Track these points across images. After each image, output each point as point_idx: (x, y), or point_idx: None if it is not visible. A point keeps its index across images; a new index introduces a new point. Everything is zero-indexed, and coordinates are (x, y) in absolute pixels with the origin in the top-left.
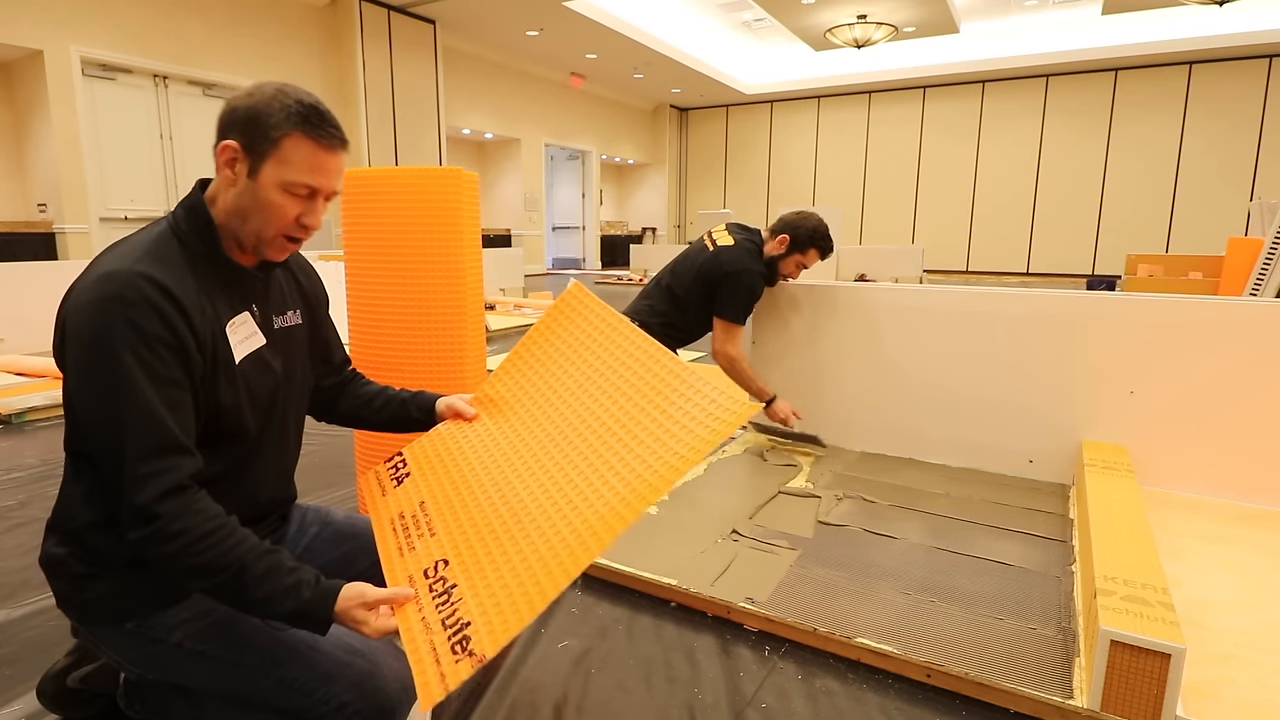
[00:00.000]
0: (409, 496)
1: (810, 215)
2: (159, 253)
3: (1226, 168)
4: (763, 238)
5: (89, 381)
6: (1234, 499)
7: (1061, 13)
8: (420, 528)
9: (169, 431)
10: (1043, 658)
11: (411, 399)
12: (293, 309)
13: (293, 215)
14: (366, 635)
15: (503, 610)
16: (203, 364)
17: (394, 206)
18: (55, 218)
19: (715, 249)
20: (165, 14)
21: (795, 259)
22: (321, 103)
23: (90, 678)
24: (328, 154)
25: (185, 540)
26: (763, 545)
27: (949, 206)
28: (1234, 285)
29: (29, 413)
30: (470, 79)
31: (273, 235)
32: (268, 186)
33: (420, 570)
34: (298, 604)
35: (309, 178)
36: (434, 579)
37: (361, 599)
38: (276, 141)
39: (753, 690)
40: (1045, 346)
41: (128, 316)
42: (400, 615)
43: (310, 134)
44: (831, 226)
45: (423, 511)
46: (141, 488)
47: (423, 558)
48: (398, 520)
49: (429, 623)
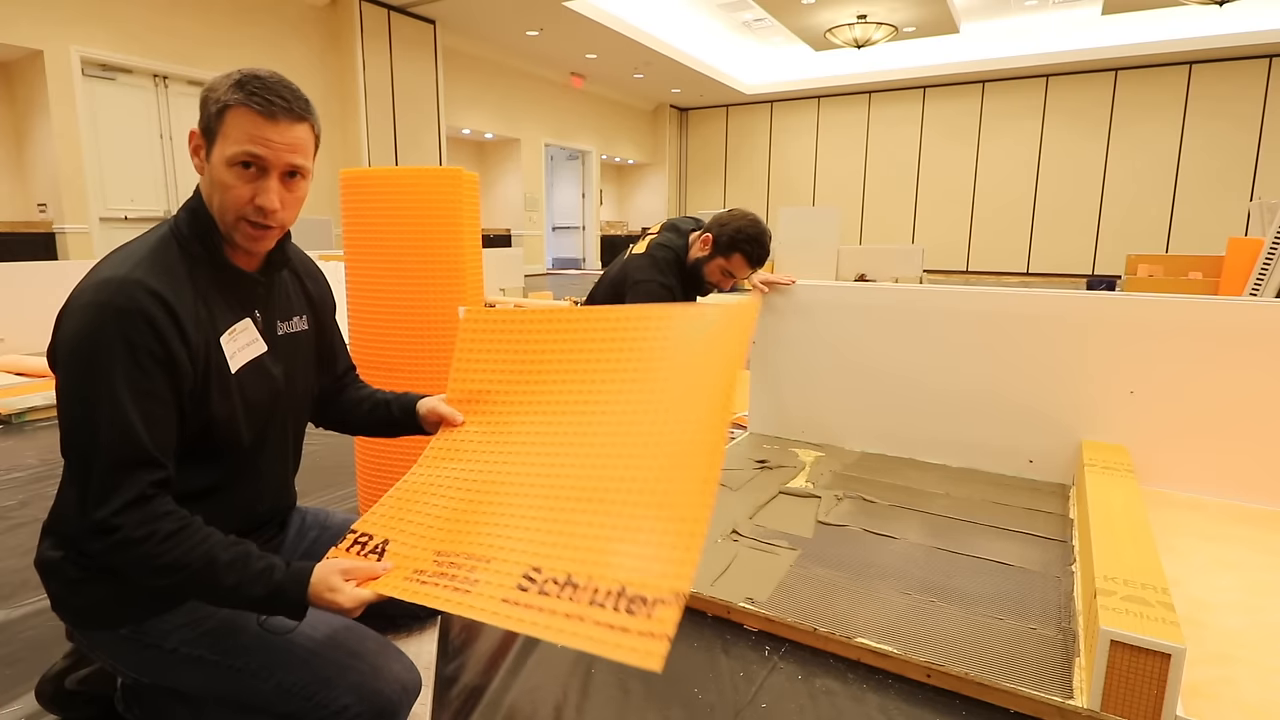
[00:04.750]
0: (413, 555)
1: (740, 215)
2: (159, 259)
3: (1226, 168)
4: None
5: (71, 386)
6: (1234, 499)
7: (1061, 13)
8: (460, 568)
9: (140, 445)
10: (1043, 658)
11: (395, 400)
12: (299, 315)
13: (246, 196)
14: (342, 605)
15: (663, 551)
16: (194, 375)
17: (394, 206)
18: (55, 218)
19: (629, 257)
20: (165, 14)
21: (719, 264)
22: (272, 74)
23: (88, 680)
24: (269, 123)
25: (152, 543)
26: (763, 545)
27: (949, 206)
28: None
29: (29, 413)
30: (470, 79)
31: (232, 219)
32: (217, 165)
33: (504, 596)
34: (270, 585)
35: (249, 146)
36: (536, 586)
37: (336, 570)
38: (220, 116)
39: (753, 690)
40: (1045, 346)
41: (118, 326)
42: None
43: (248, 102)
44: (831, 226)
45: (446, 558)
46: (103, 501)
47: (495, 586)
48: (420, 575)
49: (576, 615)
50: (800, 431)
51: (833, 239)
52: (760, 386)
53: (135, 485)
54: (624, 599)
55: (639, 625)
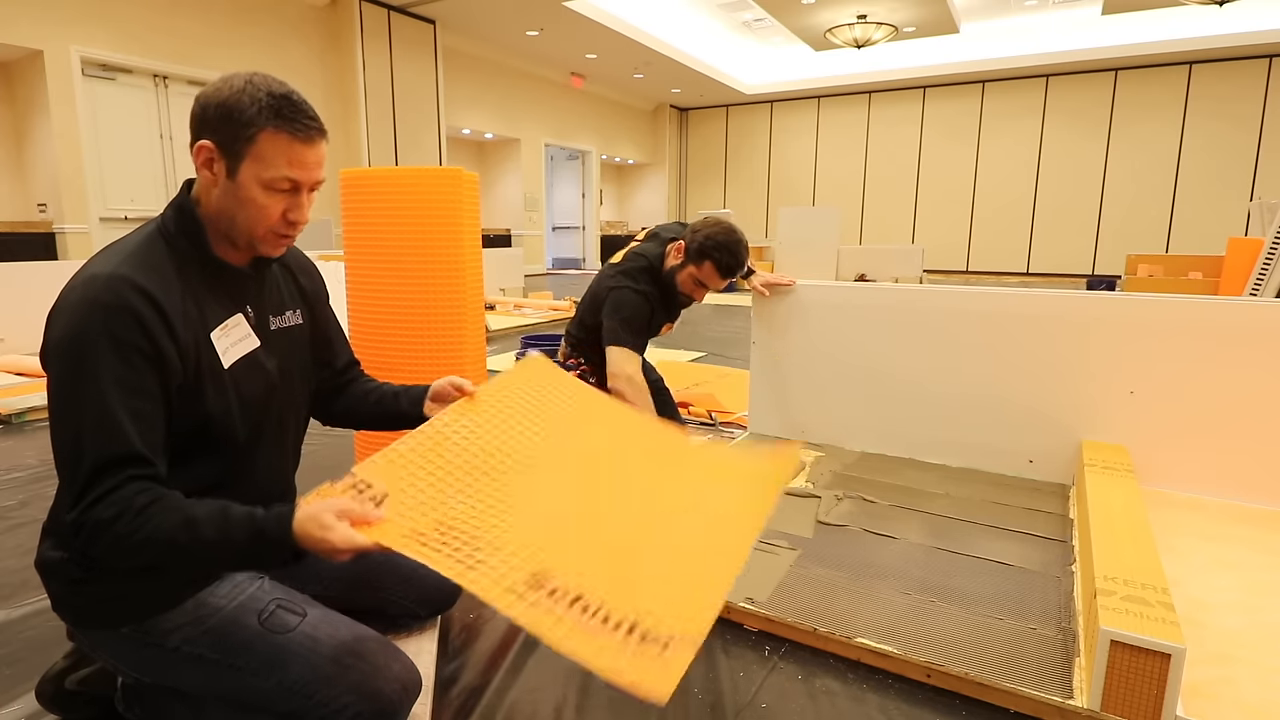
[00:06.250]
0: (413, 516)
1: (714, 222)
2: (145, 256)
3: (1226, 168)
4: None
5: (60, 384)
6: (1234, 499)
7: (1061, 13)
8: (465, 546)
9: (127, 443)
10: (1043, 658)
11: (403, 392)
12: (292, 309)
13: (278, 212)
14: (333, 544)
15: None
16: (183, 371)
17: (394, 206)
18: (55, 218)
19: (604, 266)
20: (165, 14)
21: (690, 272)
22: (294, 91)
23: (88, 680)
24: (305, 146)
25: (124, 520)
26: (763, 545)
27: (949, 206)
28: (1234, 285)
29: (29, 413)
30: (470, 79)
31: (263, 234)
32: (248, 185)
33: (509, 587)
34: (253, 528)
35: (289, 171)
36: (545, 590)
37: (329, 508)
38: (252, 139)
39: (753, 690)
40: (1045, 346)
41: (104, 322)
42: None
43: (285, 128)
44: (831, 226)
45: (447, 528)
46: (84, 498)
47: (501, 575)
48: (421, 537)
49: (584, 628)
50: (800, 431)
51: (833, 239)
52: (760, 386)
53: (118, 480)
54: (636, 632)
55: (648, 658)
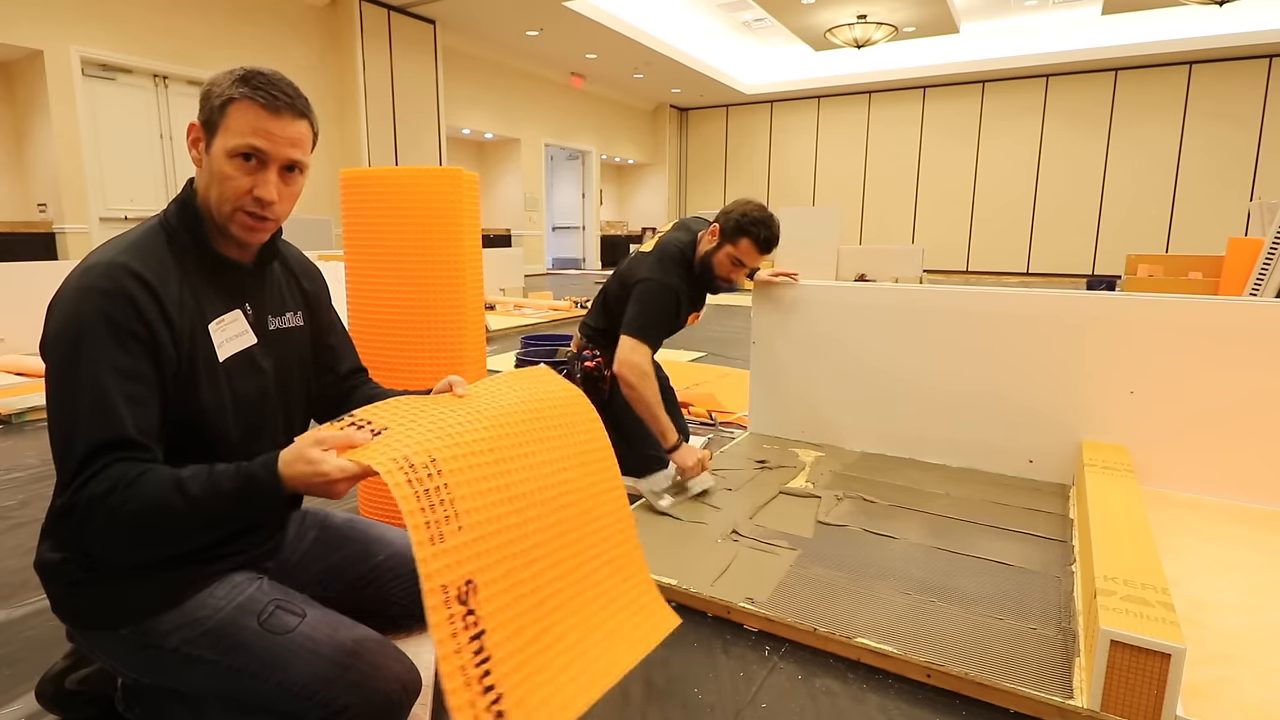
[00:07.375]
0: (407, 444)
1: (745, 202)
2: (145, 246)
3: (1226, 168)
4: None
5: (57, 370)
6: (1234, 499)
7: (1061, 13)
8: (445, 506)
9: (122, 428)
10: (1043, 658)
11: (403, 395)
12: (292, 311)
13: (245, 187)
14: (327, 474)
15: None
16: (177, 359)
17: (394, 206)
18: (55, 218)
19: (635, 255)
20: (165, 14)
21: (727, 251)
22: (274, 72)
23: (88, 680)
24: (272, 117)
25: (115, 495)
26: (763, 545)
27: (949, 206)
28: (1234, 285)
29: (29, 413)
30: (470, 79)
31: (230, 210)
32: (218, 157)
33: (446, 583)
34: (240, 478)
35: (252, 139)
36: (465, 608)
37: (308, 442)
38: (224, 110)
39: (753, 690)
40: (1045, 346)
41: (101, 308)
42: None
43: (252, 96)
44: (831, 226)
45: (437, 472)
46: (78, 478)
47: (453, 565)
48: (410, 471)
49: (466, 670)
50: (800, 431)
51: (833, 239)
52: (760, 386)
53: (108, 461)
54: (491, 710)
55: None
